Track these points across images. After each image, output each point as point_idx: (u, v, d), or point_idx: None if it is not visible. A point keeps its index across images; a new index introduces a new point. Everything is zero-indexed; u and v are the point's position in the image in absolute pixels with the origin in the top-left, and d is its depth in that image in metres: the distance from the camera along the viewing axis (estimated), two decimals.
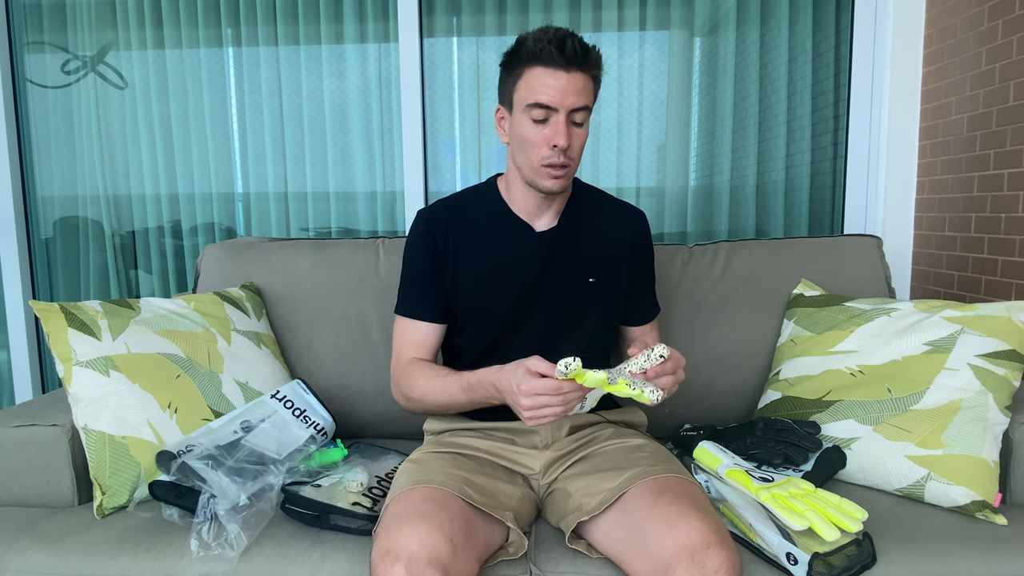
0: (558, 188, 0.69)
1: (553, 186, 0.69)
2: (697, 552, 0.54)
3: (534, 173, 0.69)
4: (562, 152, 0.66)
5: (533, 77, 0.65)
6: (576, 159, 0.69)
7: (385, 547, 0.55)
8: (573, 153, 0.68)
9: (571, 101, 0.65)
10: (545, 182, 0.69)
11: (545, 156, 0.67)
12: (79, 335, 0.77)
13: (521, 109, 0.67)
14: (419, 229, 0.75)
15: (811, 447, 0.76)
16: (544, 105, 0.65)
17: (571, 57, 0.64)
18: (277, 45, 1.33)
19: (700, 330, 0.95)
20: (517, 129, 0.68)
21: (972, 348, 0.75)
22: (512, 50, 0.68)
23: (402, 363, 0.75)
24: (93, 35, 1.34)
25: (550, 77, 0.64)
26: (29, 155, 1.37)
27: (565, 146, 0.66)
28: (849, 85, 1.24)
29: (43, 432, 0.75)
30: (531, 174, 0.69)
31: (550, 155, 0.67)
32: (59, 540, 0.68)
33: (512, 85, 0.68)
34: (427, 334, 0.75)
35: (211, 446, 0.73)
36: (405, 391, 0.74)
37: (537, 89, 0.65)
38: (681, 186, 1.33)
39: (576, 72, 0.65)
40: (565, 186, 0.70)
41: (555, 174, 0.68)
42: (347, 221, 1.37)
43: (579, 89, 0.65)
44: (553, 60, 0.64)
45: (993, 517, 0.70)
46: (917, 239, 1.21)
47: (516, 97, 0.68)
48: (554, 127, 0.65)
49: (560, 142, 0.65)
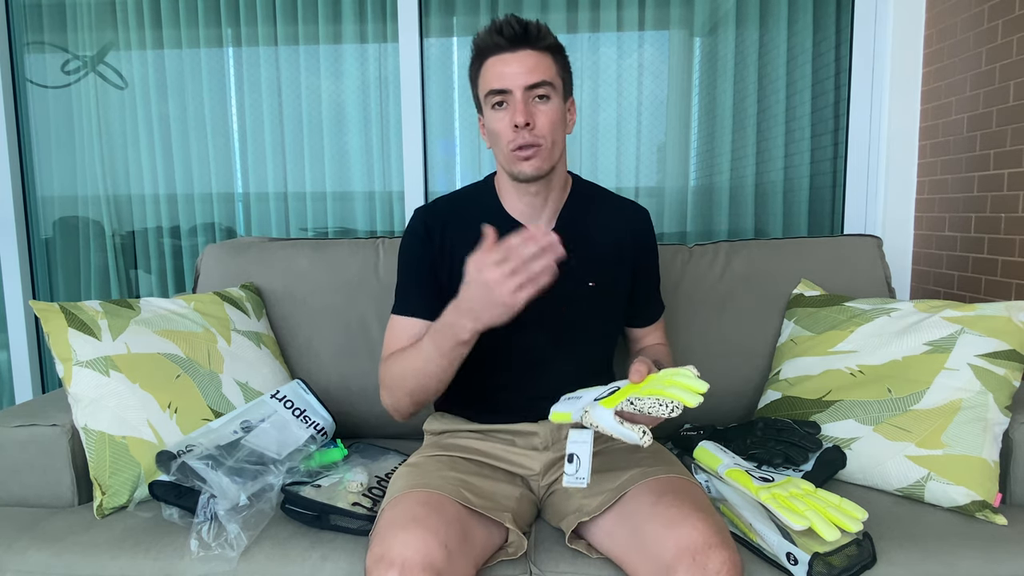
0: (532, 170, 0.67)
1: (526, 168, 0.67)
2: (698, 553, 0.54)
3: (508, 162, 0.68)
4: (527, 131, 0.65)
5: (486, 69, 0.66)
6: (547, 137, 0.67)
7: (379, 553, 0.55)
8: (540, 131, 0.66)
9: (523, 79, 0.64)
10: (518, 166, 0.67)
11: (511, 139, 0.66)
12: (79, 335, 0.77)
13: (485, 104, 0.67)
14: (417, 227, 0.74)
15: (811, 447, 0.76)
16: (498, 90, 0.65)
17: (512, 37, 0.64)
18: (277, 45, 1.33)
19: (700, 330, 0.95)
20: (488, 126, 0.68)
21: (972, 348, 0.75)
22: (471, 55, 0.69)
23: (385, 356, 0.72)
24: (93, 35, 1.34)
25: (499, 64, 0.65)
26: (29, 155, 1.38)
27: (523, 122, 0.64)
28: (849, 85, 1.24)
29: (43, 432, 0.75)
30: (507, 164, 0.68)
31: (515, 137, 0.66)
32: (59, 540, 0.68)
33: (476, 87, 0.69)
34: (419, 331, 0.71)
35: (211, 446, 0.73)
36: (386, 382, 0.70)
37: (490, 79, 0.66)
38: (681, 186, 1.34)
39: (524, 49, 0.65)
40: (541, 168, 0.67)
41: (524, 155, 0.66)
42: (346, 221, 1.38)
43: (530, 66, 0.65)
44: (499, 47, 0.65)
45: (993, 517, 0.70)
46: (917, 239, 1.21)
47: (480, 97, 0.68)
48: (511, 108, 0.65)
49: (518, 119, 0.64)
